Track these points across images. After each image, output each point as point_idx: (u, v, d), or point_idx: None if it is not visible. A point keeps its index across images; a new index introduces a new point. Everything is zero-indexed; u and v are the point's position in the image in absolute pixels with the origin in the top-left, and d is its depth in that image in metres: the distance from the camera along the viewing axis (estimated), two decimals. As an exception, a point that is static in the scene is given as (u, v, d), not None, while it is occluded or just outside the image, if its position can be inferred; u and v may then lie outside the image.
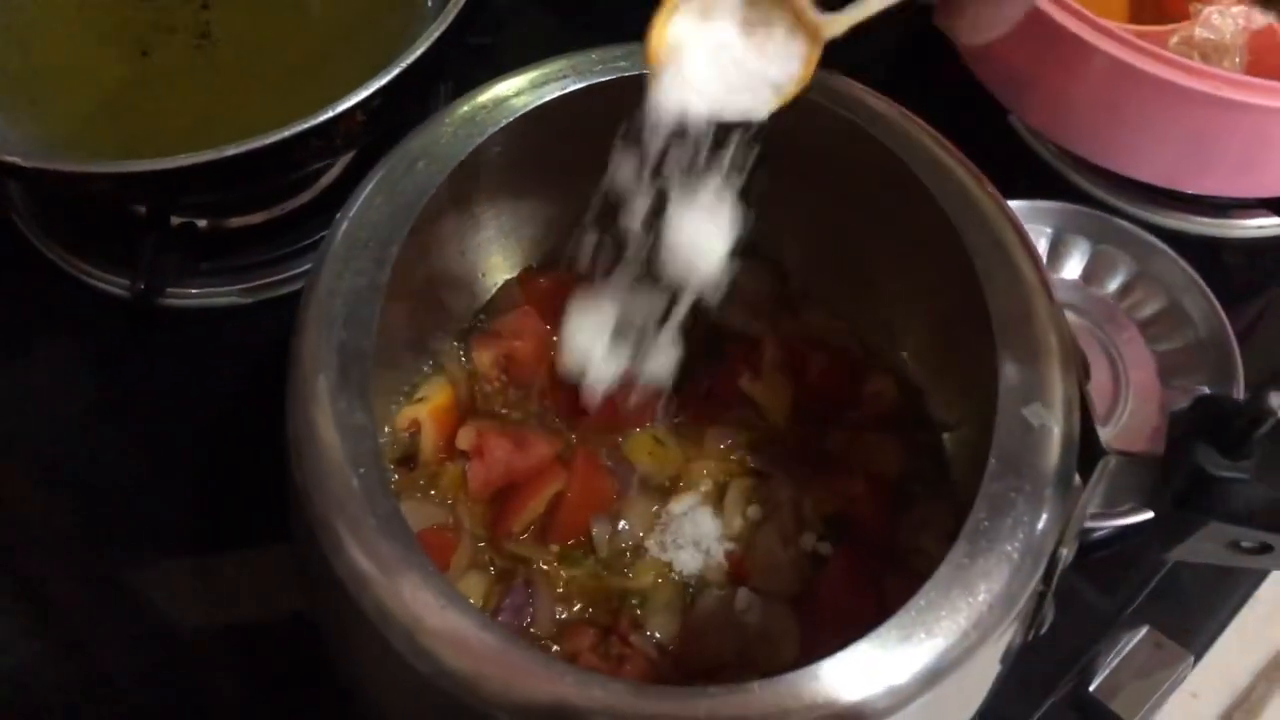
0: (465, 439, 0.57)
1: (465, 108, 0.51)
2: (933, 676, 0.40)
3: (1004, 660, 0.45)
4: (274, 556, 0.62)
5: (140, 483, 0.67)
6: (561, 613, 0.55)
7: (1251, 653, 0.66)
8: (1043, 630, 0.46)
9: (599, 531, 0.56)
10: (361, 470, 0.42)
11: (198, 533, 0.65)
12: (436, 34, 0.63)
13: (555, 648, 0.53)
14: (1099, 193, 0.76)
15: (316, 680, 0.57)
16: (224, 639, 0.62)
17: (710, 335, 0.62)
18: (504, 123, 0.51)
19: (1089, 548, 0.63)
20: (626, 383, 0.56)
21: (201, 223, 0.72)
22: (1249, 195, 0.72)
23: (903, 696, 0.40)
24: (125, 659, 0.62)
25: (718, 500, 0.58)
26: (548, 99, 0.51)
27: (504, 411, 0.60)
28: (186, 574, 0.64)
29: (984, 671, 0.44)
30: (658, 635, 0.54)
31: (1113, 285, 0.71)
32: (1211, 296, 0.68)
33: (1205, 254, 0.71)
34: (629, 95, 0.45)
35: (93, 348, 0.73)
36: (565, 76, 0.51)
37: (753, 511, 0.57)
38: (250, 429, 0.67)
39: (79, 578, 0.65)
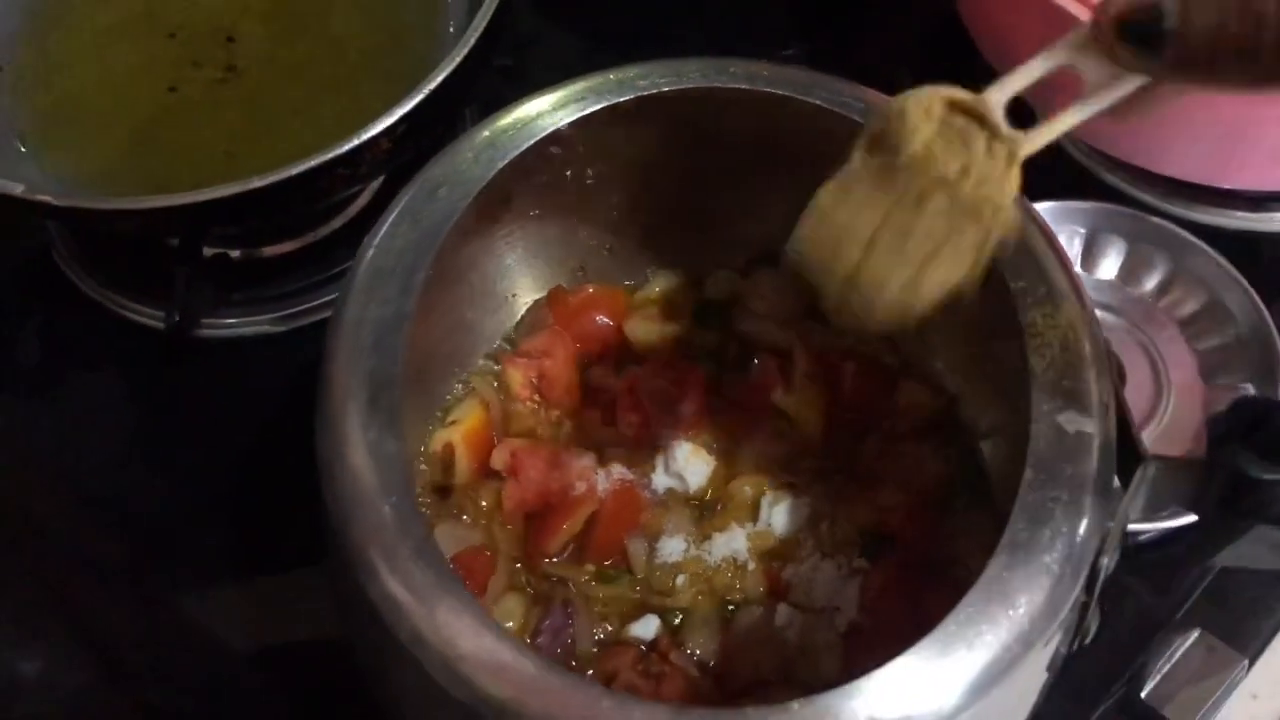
0: (499, 459, 0.57)
1: (486, 132, 0.51)
2: (975, 691, 0.40)
3: (1050, 669, 0.44)
4: (314, 578, 0.62)
5: (181, 510, 0.68)
6: (598, 634, 0.54)
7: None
8: (1088, 640, 0.46)
9: (635, 549, 0.56)
10: (393, 499, 0.42)
11: (238, 557, 0.66)
12: (459, 57, 0.64)
13: (591, 670, 0.53)
14: (1132, 190, 0.75)
15: (360, 699, 0.58)
16: (268, 661, 0.62)
17: (740, 348, 0.62)
18: (525, 146, 0.51)
19: (1137, 550, 0.62)
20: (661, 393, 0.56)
21: (234, 253, 0.73)
22: (1281, 188, 0.70)
23: (945, 712, 0.39)
24: (171, 684, 0.62)
25: (753, 515, 0.57)
26: (567, 121, 0.51)
27: (537, 431, 0.60)
28: (229, 598, 0.64)
29: (1028, 683, 0.44)
30: (697, 653, 0.53)
31: (1150, 284, 0.70)
32: (1252, 292, 0.67)
33: (1243, 249, 0.70)
34: (648, 113, 0.45)
35: (130, 379, 0.74)
36: (584, 98, 0.51)
37: (789, 526, 0.57)
38: (286, 454, 0.67)
39: (122, 605, 0.65)
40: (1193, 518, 0.58)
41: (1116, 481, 0.44)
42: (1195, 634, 0.61)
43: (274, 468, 0.68)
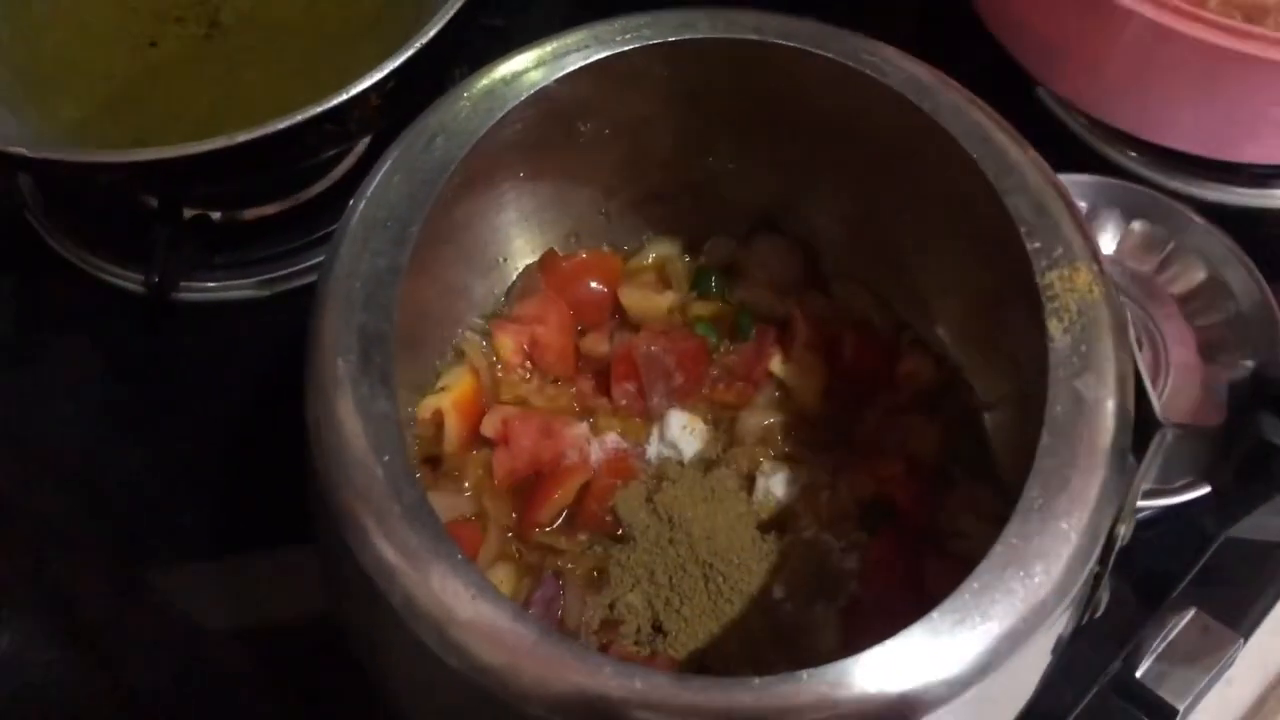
0: (490, 426, 0.56)
1: (484, 81, 0.49)
2: (988, 662, 0.38)
3: (1061, 641, 0.43)
4: (298, 556, 0.60)
5: (159, 481, 0.66)
6: (593, 606, 0.53)
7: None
8: (1097, 614, 0.45)
9: (627, 514, 0.55)
10: (386, 458, 0.41)
11: (219, 532, 0.64)
12: (450, 13, 0.62)
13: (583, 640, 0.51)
14: (1133, 165, 0.74)
15: (345, 681, 0.56)
16: (250, 641, 0.61)
17: (737, 316, 0.61)
18: (524, 96, 0.49)
19: (1135, 527, 0.61)
20: (657, 362, 0.55)
21: (215, 215, 0.71)
22: (1294, 162, 0.69)
23: (958, 684, 0.38)
24: (151, 663, 0.60)
25: (750, 486, 0.56)
26: (570, 69, 0.49)
27: (529, 399, 0.58)
28: (210, 575, 0.63)
29: (1039, 657, 0.42)
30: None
31: (1150, 260, 0.69)
32: (1253, 268, 0.66)
33: (1245, 226, 0.69)
34: (651, 66, 0.44)
35: (107, 344, 0.72)
36: (587, 47, 0.50)
37: (786, 497, 0.55)
38: (270, 423, 0.66)
39: (100, 581, 0.63)
40: (1194, 494, 0.58)
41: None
42: (1190, 613, 0.61)
43: (256, 438, 0.66)
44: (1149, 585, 0.62)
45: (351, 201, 0.47)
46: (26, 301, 0.73)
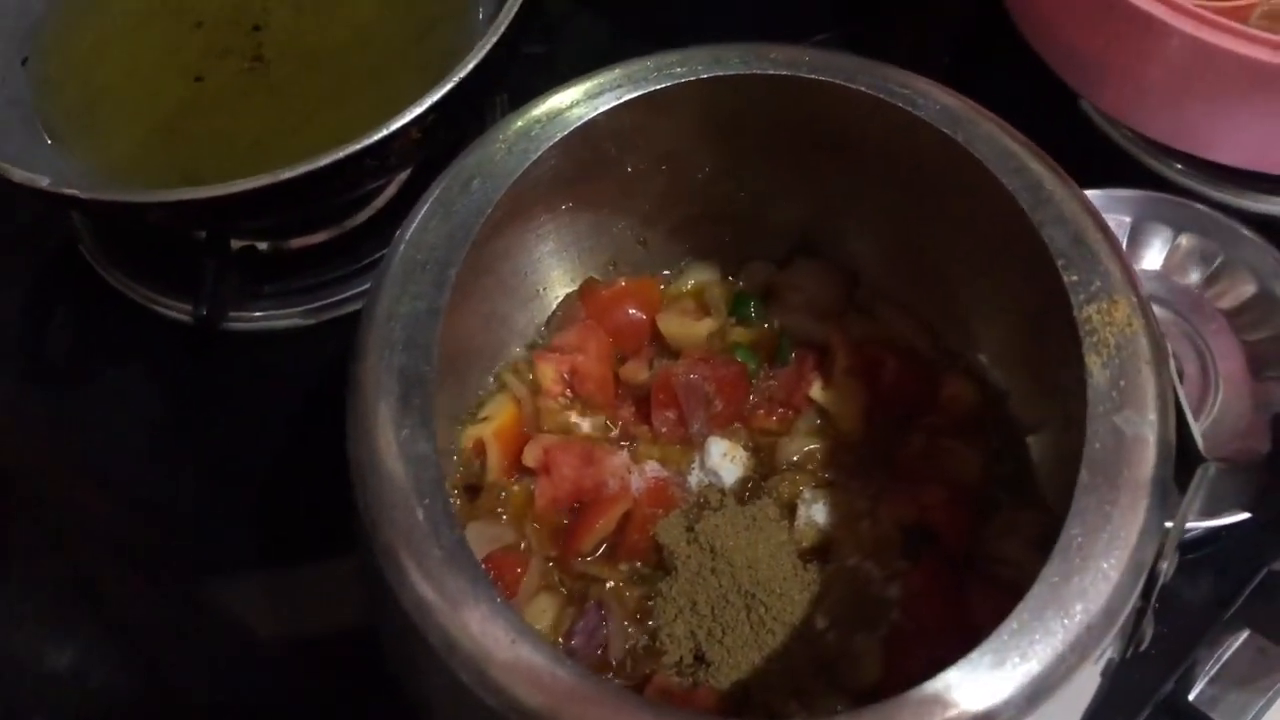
0: (532, 456, 0.56)
1: (519, 123, 0.50)
2: (1028, 702, 0.38)
3: (1104, 676, 0.43)
4: (341, 569, 0.61)
5: (208, 502, 0.67)
6: (635, 636, 0.53)
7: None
8: (1142, 647, 0.44)
9: (668, 544, 0.55)
10: (426, 501, 0.41)
11: (265, 549, 0.65)
12: (489, 45, 0.62)
13: (626, 672, 0.52)
14: (1178, 178, 0.73)
15: (386, 692, 0.57)
16: (294, 651, 0.62)
17: (777, 342, 0.61)
18: (559, 137, 0.49)
19: (1184, 548, 0.60)
20: (696, 389, 0.55)
21: (262, 245, 0.72)
22: (1342, 174, 0.68)
23: (998, 725, 0.38)
24: (199, 674, 0.62)
25: (791, 515, 0.56)
26: (602, 109, 0.50)
27: (570, 427, 0.59)
28: (256, 589, 0.64)
29: (1081, 692, 0.42)
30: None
31: (1197, 274, 0.68)
32: (1304, 282, 0.65)
33: (1294, 240, 0.68)
34: (686, 101, 0.44)
35: (158, 372, 0.73)
36: (620, 86, 0.50)
37: (828, 524, 0.55)
38: (313, 447, 0.67)
39: (152, 596, 0.65)
40: (1244, 515, 0.57)
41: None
42: (1244, 635, 0.60)
43: (301, 460, 0.67)
44: (1202, 607, 0.61)
45: (392, 243, 0.48)
46: (80, 331, 0.75)
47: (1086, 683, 0.42)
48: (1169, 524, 0.41)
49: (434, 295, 0.45)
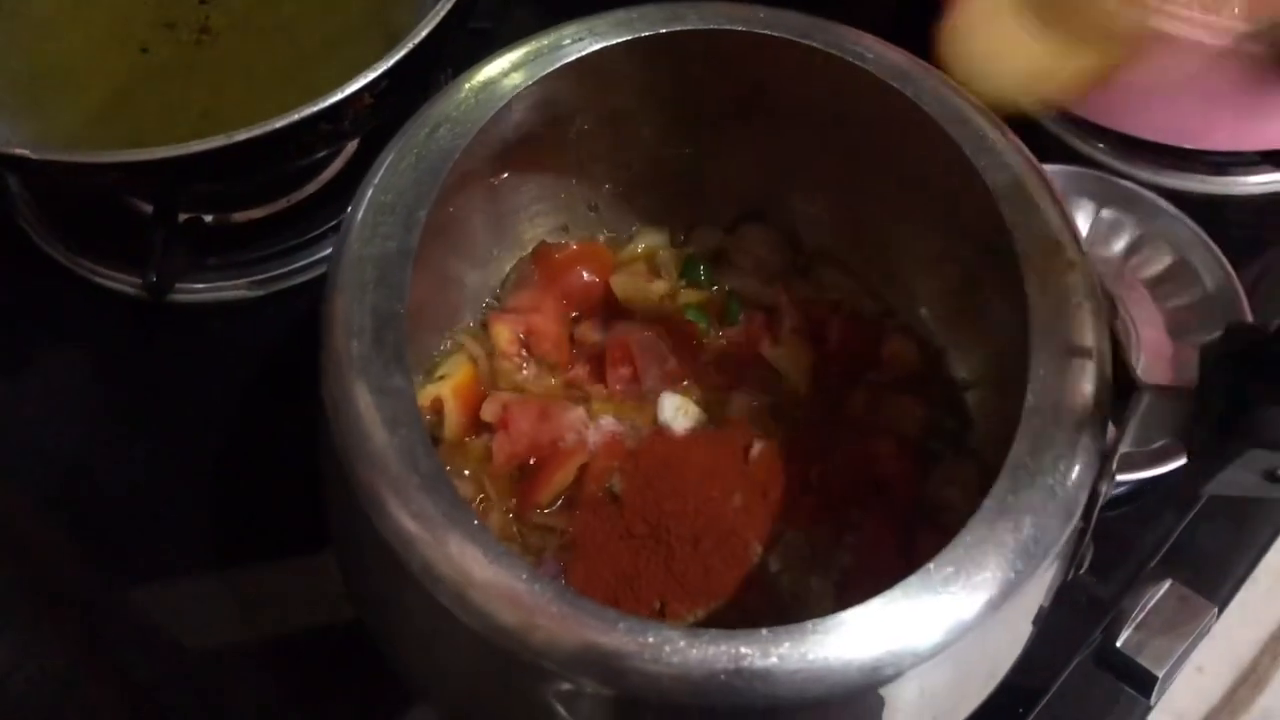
0: (490, 412, 0.57)
1: (482, 74, 0.51)
2: (983, 610, 0.40)
3: (1048, 597, 0.45)
4: (299, 562, 0.62)
5: (157, 487, 0.66)
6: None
7: (1255, 627, 0.66)
8: (1082, 569, 0.46)
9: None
10: (402, 431, 0.42)
11: (218, 538, 0.64)
12: (441, 15, 0.64)
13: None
14: (1101, 156, 0.76)
15: (347, 687, 0.57)
16: (251, 649, 0.61)
17: (727, 303, 0.62)
18: (523, 87, 0.51)
19: (1109, 504, 0.63)
20: (651, 346, 0.56)
21: (208, 217, 0.72)
22: (1255, 149, 0.72)
23: (956, 629, 0.40)
24: (151, 672, 0.61)
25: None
26: (567, 60, 0.51)
27: (525, 386, 0.60)
28: (209, 583, 0.63)
29: (1030, 606, 0.44)
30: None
31: (1119, 246, 0.71)
32: (1218, 251, 0.68)
33: (1208, 212, 0.71)
34: (642, 56, 0.45)
35: (100, 348, 0.72)
36: (581, 39, 0.51)
37: (781, 474, 0.57)
38: (266, 423, 0.67)
39: (98, 590, 0.63)
40: (1165, 468, 0.60)
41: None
42: (1167, 584, 0.62)
43: (252, 437, 0.67)
44: (1127, 558, 0.64)
45: (360, 186, 0.48)
46: (18, 305, 0.73)
47: (1034, 598, 0.44)
48: (1107, 447, 0.44)
49: (404, 236, 0.46)
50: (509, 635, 0.40)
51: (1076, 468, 0.43)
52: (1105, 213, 0.71)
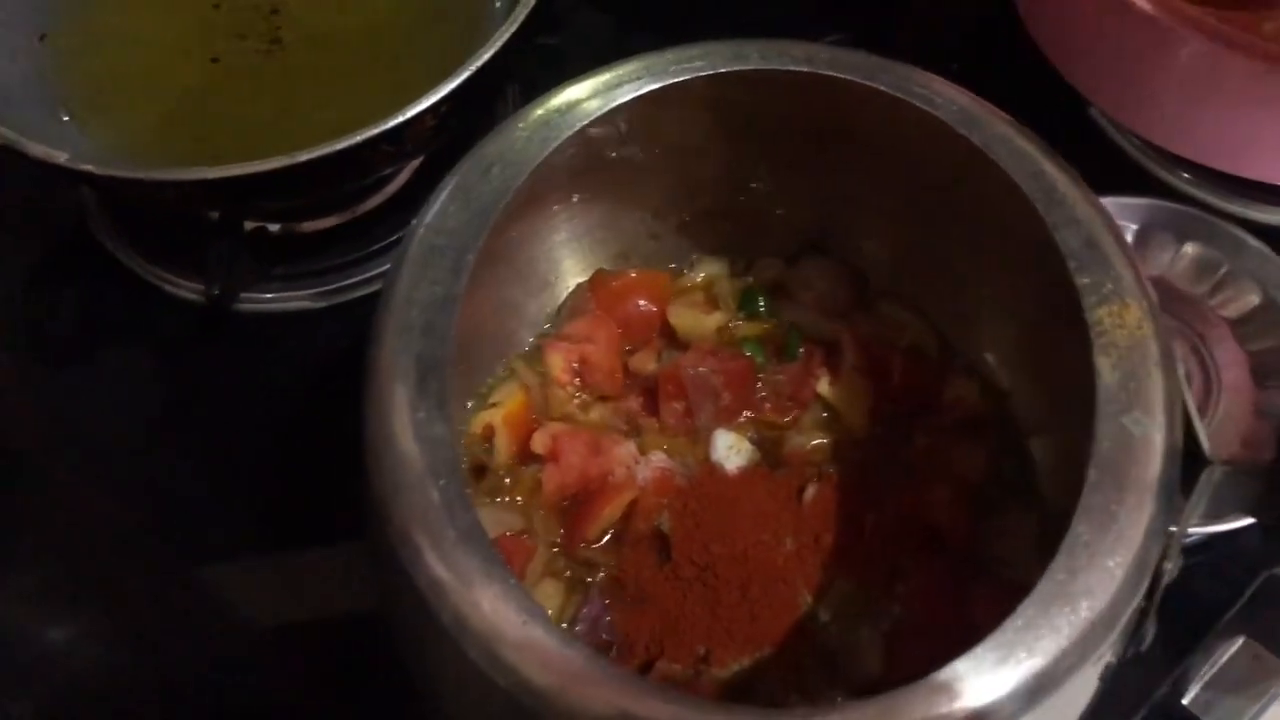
0: (540, 443, 0.57)
1: (539, 111, 0.50)
2: (1031, 697, 0.39)
3: (1105, 676, 0.43)
4: (346, 555, 0.62)
5: (213, 485, 0.67)
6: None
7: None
8: (1143, 647, 0.45)
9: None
10: (441, 482, 0.42)
11: (270, 533, 0.65)
12: (506, 35, 0.63)
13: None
14: (1186, 187, 0.73)
15: (385, 678, 0.57)
16: (296, 637, 0.62)
17: (786, 337, 0.61)
18: (578, 126, 0.50)
19: (1184, 553, 0.61)
20: (704, 382, 0.55)
21: (274, 228, 0.72)
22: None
23: (1001, 717, 0.38)
24: (199, 658, 0.62)
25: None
26: (622, 101, 0.50)
27: (577, 416, 0.59)
28: (259, 573, 0.64)
29: (1082, 690, 0.43)
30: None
31: (1202, 283, 0.69)
32: (1309, 293, 0.65)
33: (1299, 251, 0.68)
34: (703, 95, 0.44)
35: (165, 353, 0.73)
36: (640, 78, 0.50)
37: (833, 518, 0.56)
38: (321, 431, 0.68)
39: (153, 578, 0.65)
40: (1244, 522, 0.58)
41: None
42: (1240, 641, 0.60)
43: (306, 444, 0.67)
44: (1198, 612, 0.61)
45: (410, 227, 0.48)
46: (88, 308, 0.75)
47: (1087, 681, 0.42)
48: (1174, 526, 0.42)
49: (451, 281, 0.45)
50: (539, 696, 0.39)
51: (1138, 548, 0.41)
52: (1189, 247, 0.69)
